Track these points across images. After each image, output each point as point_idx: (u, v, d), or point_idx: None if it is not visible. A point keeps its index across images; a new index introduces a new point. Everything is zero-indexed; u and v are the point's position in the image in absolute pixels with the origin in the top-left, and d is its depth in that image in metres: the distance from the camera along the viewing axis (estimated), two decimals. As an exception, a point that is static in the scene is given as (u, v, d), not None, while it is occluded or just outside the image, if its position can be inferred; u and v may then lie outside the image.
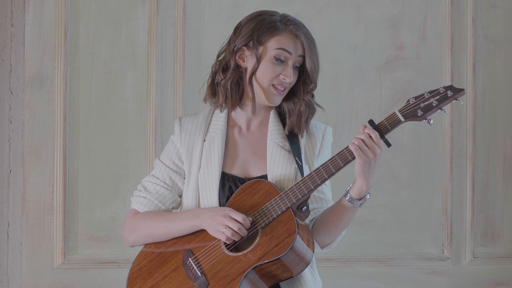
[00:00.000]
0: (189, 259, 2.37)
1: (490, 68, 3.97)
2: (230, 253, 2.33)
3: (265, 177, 2.42)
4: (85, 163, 3.70)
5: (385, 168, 3.86)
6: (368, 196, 2.37)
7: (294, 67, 2.45)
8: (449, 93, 2.32)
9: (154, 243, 2.45)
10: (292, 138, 2.47)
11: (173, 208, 2.53)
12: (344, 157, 2.32)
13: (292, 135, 2.48)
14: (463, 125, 3.94)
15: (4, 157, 3.69)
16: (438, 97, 2.32)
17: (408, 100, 2.33)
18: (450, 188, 3.92)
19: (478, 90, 3.96)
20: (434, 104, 2.32)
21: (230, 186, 2.43)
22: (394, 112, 2.33)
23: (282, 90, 2.44)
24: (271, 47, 2.42)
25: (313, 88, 2.48)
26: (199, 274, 2.34)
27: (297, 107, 2.47)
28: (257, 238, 2.32)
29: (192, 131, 2.51)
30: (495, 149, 3.97)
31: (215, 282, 2.32)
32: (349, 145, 2.31)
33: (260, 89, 2.44)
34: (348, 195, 2.36)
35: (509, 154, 3.99)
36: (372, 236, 3.87)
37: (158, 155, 2.70)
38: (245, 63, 2.46)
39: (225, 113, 2.51)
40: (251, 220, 2.34)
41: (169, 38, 3.75)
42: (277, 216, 2.33)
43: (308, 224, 2.44)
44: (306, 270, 2.39)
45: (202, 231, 2.39)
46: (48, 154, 3.67)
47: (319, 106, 2.50)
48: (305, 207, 2.36)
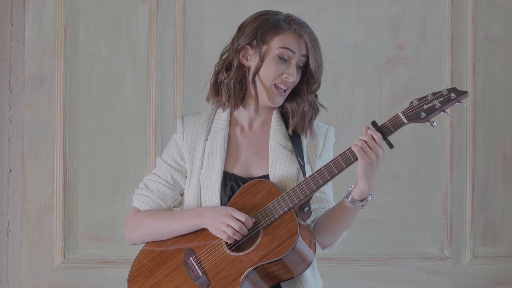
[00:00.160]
0: (190, 258, 2.36)
1: (490, 68, 3.97)
2: (232, 253, 2.33)
3: (267, 177, 2.42)
4: (85, 163, 3.70)
5: (385, 168, 3.86)
6: (370, 198, 2.36)
7: (298, 67, 2.45)
8: (452, 96, 2.32)
9: (155, 242, 2.45)
10: (295, 138, 2.47)
11: (175, 207, 2.53)
12: (347, 159, 2.32)
13: (295, 135, 2.48)
14: (463, 125, 3.94)
15: (4, 157, 3.68)
16: (441, 99, 2.31)
17: (411, 102, 2.33)
18: (450, 188, 3.92)
19: (478, 90, 3.96)
20: (437, 107, 2.31)
21: (232, 186, 2.43)
22: (397, 114, 2.32)
23: (284, 91, 2.44)
24: (275, 46, 2.42)
25: (317, 88, 2.47)
26: (200, 274, 2.34)
27: (301, 107, 2.46)
28: (259, 238, 2.32)
29: (195, 130, 2.51)
30: (495, 149, 3.98)
31: (216, 282, 2.31)
32: (352, 147, 2.30)
33: (263, 89, 2.44)
34: (350, 196, 2.36)
35: (509, 154, 3.99)
36: (372, 236, 3.87)
37: (159, 154, 2.70)
38: (249, 62, 2.46)
39: (228, 112, 2.51)
40: (254, 221, 2.33)
41: (169, 38, 3.75)
42: (279, 217, 2.33)
43: (310, 225, 2.44)
44: (307, 271, 2.39)
45: (204, 230, 2.38)
46: (48, 154, 3.66)
47: (323, 107, 2.50)
48: (307, 208, 2.35)
